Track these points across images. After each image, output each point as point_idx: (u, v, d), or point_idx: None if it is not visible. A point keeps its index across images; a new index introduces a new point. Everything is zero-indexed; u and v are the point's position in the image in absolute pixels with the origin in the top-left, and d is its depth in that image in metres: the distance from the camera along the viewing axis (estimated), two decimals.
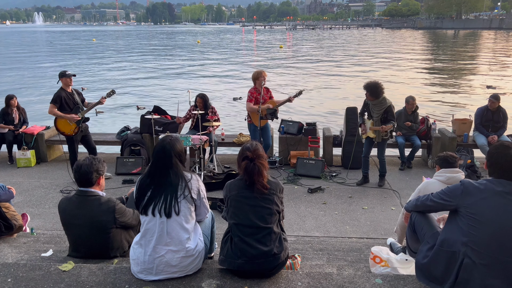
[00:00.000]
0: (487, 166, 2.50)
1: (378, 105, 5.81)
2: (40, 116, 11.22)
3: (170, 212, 2.70)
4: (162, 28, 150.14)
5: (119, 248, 3.19)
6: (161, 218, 2.71)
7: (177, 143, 2.87)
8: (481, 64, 28.46)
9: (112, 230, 3.10)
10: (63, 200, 3.19)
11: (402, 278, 2.77)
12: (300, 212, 5.35)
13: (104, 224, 3.06)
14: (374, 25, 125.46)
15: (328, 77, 22.48)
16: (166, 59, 34.13)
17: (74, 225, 3.09)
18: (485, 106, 7.06)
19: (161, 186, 2.75)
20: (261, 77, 6.44)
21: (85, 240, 3.11)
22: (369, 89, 5.73)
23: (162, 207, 2.70)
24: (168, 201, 2.71)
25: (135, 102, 15.58)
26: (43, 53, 41.33)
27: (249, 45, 54.18)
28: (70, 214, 3.09)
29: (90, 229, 3.05)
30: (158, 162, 2.81)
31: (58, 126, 6.25)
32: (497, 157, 2.43)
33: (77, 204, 3.09)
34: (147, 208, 2.73)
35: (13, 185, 4.60)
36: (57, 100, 6.09)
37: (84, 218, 3.05)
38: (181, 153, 2.87)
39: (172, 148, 2.81)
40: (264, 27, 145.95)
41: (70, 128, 6.24)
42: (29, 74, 24.66)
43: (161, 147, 2.82)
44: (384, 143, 6.09)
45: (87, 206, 3.07)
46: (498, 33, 74.98)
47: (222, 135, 7.61)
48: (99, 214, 3.05)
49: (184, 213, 2.75)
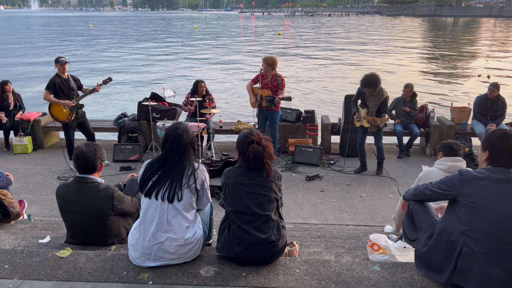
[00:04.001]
0: (488, 155, 2.46)
1: (376, 96, 5.78)
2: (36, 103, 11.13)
3: (173, 198, 2.69)
4: (159, 14, 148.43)
5: (117, 235, 3.19)
6: (162, 204, 2.70)
7: (190, 131, 2.88)
8: (480, 52, 28.33)
9: (110, 217, 3.09)
10: (60, 187, 3.16)
11: (400, 265, 2.77)
12: (298, 199, 5.35)
13: (103, 211, 3.05)
14: (373, 12, 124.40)
15: (327, 65, 22.36)
16: (163, 45, 33.83)
17: (72, 211, 3.08)
18: (484, 94, 7.04)
19: (169, 172, 2.74)
20: (275, 65, 6.29)
21: (83, 227, 3.10)
22: (367, 82, 5.69)
23: (166, 192, 2.70)
24: (173, 187, 2.71)
25: (132, 89, 15.48)
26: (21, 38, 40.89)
27: (247, 31, 53.73)
28: (68, 201, 3.07)
29: (88, 216, 3.04)
30: (173, 148, 2.78)
31: (52, 112, 6.20)
32: (497, 144, 2.41)
33: (75, 191, 3.07)
34: (151, 191, 2.72)
35: (10, 172, 4.57)
36: (51, 86, 6.04)
37: (82, 205, 3.03)
38: (193, 141, 2.88)
39: (188, 136, 2.82)
40: (263, 13, 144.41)
41: (64, 114, 6.18)
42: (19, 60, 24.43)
43: (177, 134, 2.80)
44: (380, 130, 6.08)
45: (86, 193, 3.05)
46: (498, 21, 74.58)
47: (220, 122, 7.58)
48: (97, 201, 3.04)
49: (186, 201, 2.74)
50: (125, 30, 56.03)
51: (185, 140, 2.79)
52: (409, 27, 60.06)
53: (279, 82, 6.30)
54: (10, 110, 7.37)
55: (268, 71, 6.30)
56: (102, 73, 18.48)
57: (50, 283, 2.60)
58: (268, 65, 6.24)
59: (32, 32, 50.66)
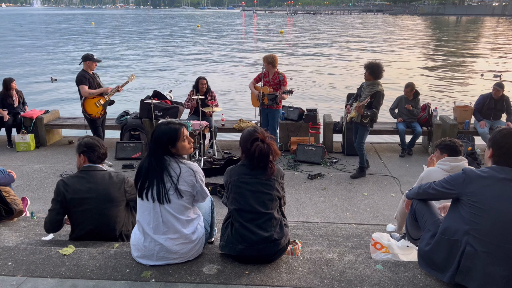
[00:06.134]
0: (492, 154, 2.46)
1: (370, 86, 5.66)
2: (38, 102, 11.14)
3: (163, 200, 2.62)
4: (161, 12, 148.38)
5: (124, 225, 3.23)
6: (155, 206, 2.65)
7: (179, 129, 2.73)
8: (484, 51, 28.24)
9: (122, 204, 3.16)
10: (68, 178, 3.13)
11: (402, 264, 2.77)
12: (300, 198, 5.35)
13: (116, 195, 3.12)
14: (376, 11, 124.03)
15: (329, 63, 22.32)
16: (164, 43, 33.82)
17: (85, 199, 3.07)
18: (488, 94, 7.03)
19: (156, 171, 2.66)
20: (276, 63, 6.31)
21: (95, 214, 3.09)
22: (370, 68, 5.60)
23: (155, 192, 2.64)
24: (161, 188, 2.63)
25: (134, 86, 15.48)
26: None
27: (249, 29, 53.65)
28: (81, 189, 3.08)
29: (102, 201, 3.08)
30: (156, 147, 2.70)
31: (87, 108, 6.15)
32: (501, 143, 2.40)
33: (88, 179, 3.11)
34: (141, 191, 2.68)
35: (13, 169, 4.59)
36: (84, 80, 6.02)
37: (97, 192, 3.08)
38: (179, 139, 2.72)
39: (172, 134, 2.69)
40: (265, 11, 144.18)
41: (97, 110, 6.22)
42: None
43: (160, 132, 2.69)
44: (364, 129, 5.82)
45: (98, 179, 3.12)
46: (501, 19, 74.27)
47: (222, 121, 7.58)
48: (111, 186, 3.11)
49: (177, 203, 2.67)
50: (127, 28, 56.01)
51: (167, 138, 2.67)
52: (412, 26, 59.89)
53: (281, 79, 6.31)
54: (14, 107, 7.39)
55: (269, 69, 6.33)
56: (102, 73, 18.48)
57: (53, 280, 2.61)
58: (269, 63, 6.27)
59: (24, 30, 50.04)
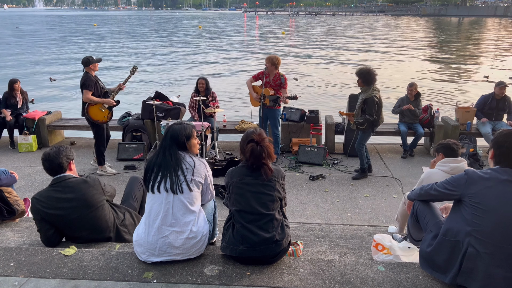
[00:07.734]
0: (493, 154, 2.46)
1: (363, 92, 5.64)
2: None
3: (177, 189, 2.72)
4: (163, 13, 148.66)
5: (115, 218, 3.23)
6: (167, 197, 2.71)
7: (189, 128, 2.92)
8: (486, 52, 28.19)
9: (104, 202, 3.13)
10: (40, 195, 3.01)
11: (404, 265, 2.77)
12: (302, 199, 5.35)
13: (96, 198, 3.06)
14: (378, 12, 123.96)
15: (331, 64, 22.32)
16: (166, 44, 33.89)
17: (69, 209, 2.97)
18: (490, 94, 7.01)
19: (170, 165, 2.76)
20: (278, 65, 6.29)
21: (83, 222, 3.04)
22: (361, 75, 5.56)
23: (169, 183, 2.72)
24: (175, 179, 2.73)
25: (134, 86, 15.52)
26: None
27: (251, 31, 53.70)
28: (59, 203, 2.97)
29: (86, 207, 3.01)
30: (172, 142, 2.83)
31: (91, 114, 5.72)
32: (501, 142, 2.40)
33: (61, 190, 3.01)
34: (154, 185, 2.75)
35: (15, 170, 4.60)
36: (91, 85, 5.60)
37: (76, 200, 2.99)
38: (192, 137, 2.92)
39: (186, 132, 2.87)
40: (267, 13, 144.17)
41: (103, 115, 5.83)
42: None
43: (176, 129, 2.86)
44: (365, 132, 5.79)
45: (75, 188, 3.02)
46: (503, 21, 74.17)
47: (223, 122, 7.58)
48: (89, 191, 3.03)
49: (190, 194, 2.76)
50: (130, 29, 56.15)
51: (183, 135, 2.84)
52: (414, 27, 59.84)
53: (282, 81, 6.30)
54: (17, 108, 7.42)
55: (271, 70, 6.30)
56: (103, 72, 18.52)
57: (55, 281, 2.61)
58: (272, 64, 6.23)
59: (20, 31, 49.88)
